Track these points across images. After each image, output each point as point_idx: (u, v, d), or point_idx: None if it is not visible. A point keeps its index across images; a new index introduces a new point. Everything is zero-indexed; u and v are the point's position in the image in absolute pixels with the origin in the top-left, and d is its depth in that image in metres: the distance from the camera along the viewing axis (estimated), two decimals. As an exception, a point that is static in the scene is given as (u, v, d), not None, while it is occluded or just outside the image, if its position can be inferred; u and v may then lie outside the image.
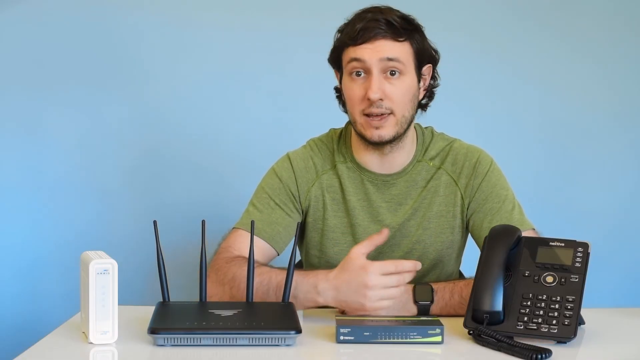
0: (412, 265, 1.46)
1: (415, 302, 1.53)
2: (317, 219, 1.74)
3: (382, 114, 1.62)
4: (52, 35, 2.45)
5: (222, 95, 2.49)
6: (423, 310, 1.53)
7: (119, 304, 1.31)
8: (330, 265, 1.72)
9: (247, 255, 1.63)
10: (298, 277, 1.49)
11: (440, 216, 1.72)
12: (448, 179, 1.73)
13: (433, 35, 1.73)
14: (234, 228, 1.73)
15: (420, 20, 1.68)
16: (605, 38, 2.57)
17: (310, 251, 1.78)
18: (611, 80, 2.59)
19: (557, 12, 2.56)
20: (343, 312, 1.49)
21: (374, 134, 1.64)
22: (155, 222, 1.41)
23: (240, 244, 1.68)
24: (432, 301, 1.53)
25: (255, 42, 2.48)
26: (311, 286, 1.48)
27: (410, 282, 1.51)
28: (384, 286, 1.43)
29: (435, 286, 1.55)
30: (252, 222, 1.49)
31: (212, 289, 1.57)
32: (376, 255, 1.71)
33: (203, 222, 1.44)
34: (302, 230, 1.78)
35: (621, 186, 2.61)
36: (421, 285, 1.55)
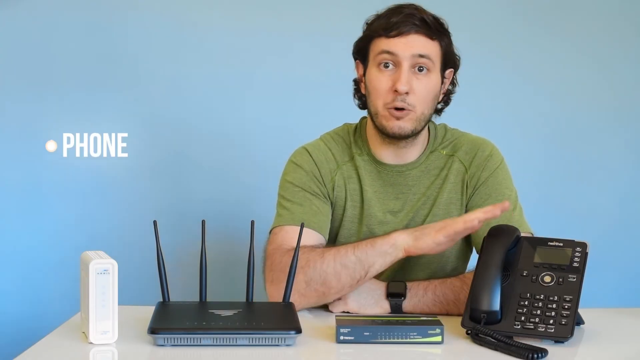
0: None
1: (388, 297, 1.55)
2: (338, 208, 1.74)
3: (403, 109, 1.63)
4: (51, 36, 2.45)
5: (223, 95, 2.49)
6: (395, 307, 1.55)
7: (119, 304, 1.31)
8: None
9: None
10: (371, 240, 1.55)
11: (449, 203, 1.72)
12: (459, 166, 1.73)
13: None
14: (275, 227, 1.67)
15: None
16: (607, 38, 2.57)
17: None
18: (611, 80, 2.59)
19: (559, 12, 2.56)
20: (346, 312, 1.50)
21: (395, 125, 1.64)
22: (155, 222, 1.41)
23: (291, 239, 1.60)
24: (404, 297, 1.55)
25: (256, 42, 2.48)
26: (388, 243, 1.52)
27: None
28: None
29: (409, 284, 1.57)
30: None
31: (295, 287, 1.50)
32: None
33: (203, 222, 1.44)
34: None
35: (620, 186, 2.61)
36: (395, 282, 1.57)
